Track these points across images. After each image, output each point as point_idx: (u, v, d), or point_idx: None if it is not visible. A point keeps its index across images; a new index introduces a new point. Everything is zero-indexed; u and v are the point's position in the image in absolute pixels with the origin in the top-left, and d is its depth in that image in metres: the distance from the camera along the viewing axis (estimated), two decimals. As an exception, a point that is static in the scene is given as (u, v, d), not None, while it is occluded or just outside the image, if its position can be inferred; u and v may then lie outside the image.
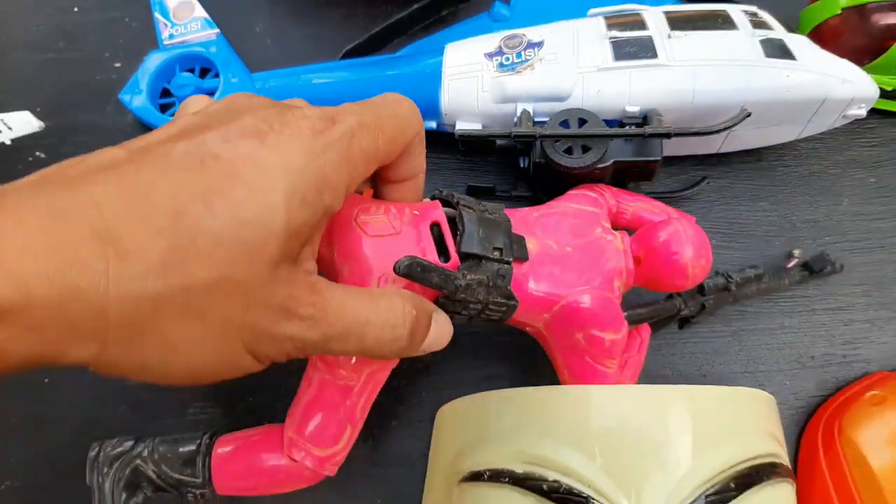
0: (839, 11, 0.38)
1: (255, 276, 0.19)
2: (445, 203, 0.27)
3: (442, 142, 0.38)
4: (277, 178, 0.20)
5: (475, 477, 0.26)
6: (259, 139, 0.20)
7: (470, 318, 0.26)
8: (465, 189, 0.39)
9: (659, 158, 0.34)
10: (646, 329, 0.33)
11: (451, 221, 0.27)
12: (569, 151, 0.33)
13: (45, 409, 0.35)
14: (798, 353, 0.37)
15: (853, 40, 0.38)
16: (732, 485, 0.25)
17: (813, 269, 0.37)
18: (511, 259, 0.26)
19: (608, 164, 0.34)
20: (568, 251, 0.28)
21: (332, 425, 0.25)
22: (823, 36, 0.39)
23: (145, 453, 0.26)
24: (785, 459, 0.28)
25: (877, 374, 0.36)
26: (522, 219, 0.30)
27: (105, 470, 0.25)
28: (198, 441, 0.26)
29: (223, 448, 0.26)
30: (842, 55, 0.35)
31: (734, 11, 0.35)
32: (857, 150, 0.41)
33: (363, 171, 0.23)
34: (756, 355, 0.36)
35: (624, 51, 0.34)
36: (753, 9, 0.36)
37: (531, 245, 0.28)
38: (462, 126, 0.36)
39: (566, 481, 0.25)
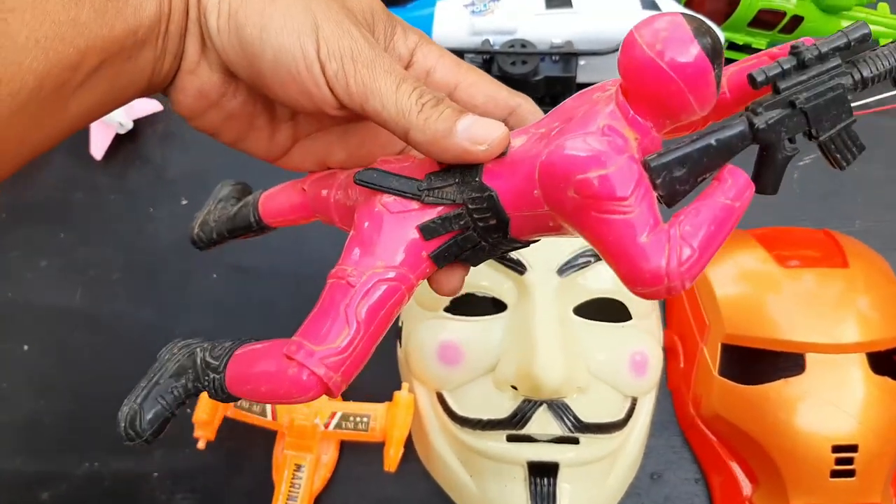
0: (703, -13, 0.57)
1: None
2: None
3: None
4: None
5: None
6: None
7: (479, 240, 0.26)
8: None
9: (574, 74, 0.53)
10: (734, 173, 0.23)
11: None
12: (513, 66, 0.52)
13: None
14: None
15: (712, 6, 0.57)
16: (591, 253, 0.44)
17: None
18: None
19: (541, 77, 0.52)
20: (555, 125, 0.25)
21: (327, 321, 0.25)
22: (694, 2, 0.58)
23: (206, 344, 0.28)
24: None
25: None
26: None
27: (174, 350, 0.28)
28: (236, 340, 0.28)
29: (245, 348, 0.28)
30: (705, 15, 0.54)
31: (626, -18, 0.54)
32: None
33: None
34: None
35: (552, 2, 0.53)
36: (638, -20, 0.55)
37: (519, 141, 0.26)
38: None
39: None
